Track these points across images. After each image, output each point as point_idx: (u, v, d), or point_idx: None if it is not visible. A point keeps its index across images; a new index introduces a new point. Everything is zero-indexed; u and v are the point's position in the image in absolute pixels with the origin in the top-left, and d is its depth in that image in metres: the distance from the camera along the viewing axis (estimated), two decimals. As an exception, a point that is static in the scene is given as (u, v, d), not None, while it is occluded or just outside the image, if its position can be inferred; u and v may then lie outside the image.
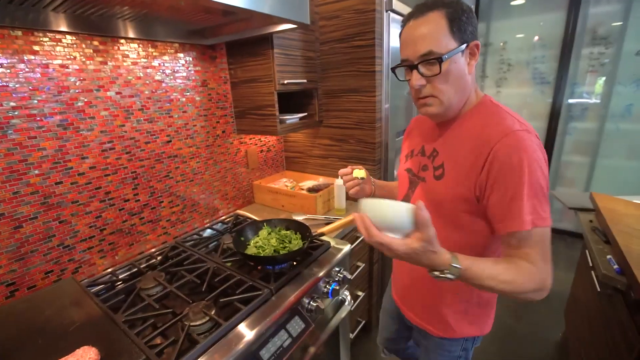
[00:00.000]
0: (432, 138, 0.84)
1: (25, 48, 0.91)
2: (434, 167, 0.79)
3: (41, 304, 0.91)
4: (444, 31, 0.67)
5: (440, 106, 0.73)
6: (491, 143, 0.66)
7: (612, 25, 2.59)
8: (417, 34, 0.69)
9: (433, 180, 0.79)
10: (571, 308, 1.78)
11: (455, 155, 0.75)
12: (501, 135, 0.65)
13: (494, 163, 0.65)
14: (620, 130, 2.73)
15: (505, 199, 0.64)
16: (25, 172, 0.94)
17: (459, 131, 0.76)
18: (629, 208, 1.46)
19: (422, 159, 0.85)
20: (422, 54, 0.68)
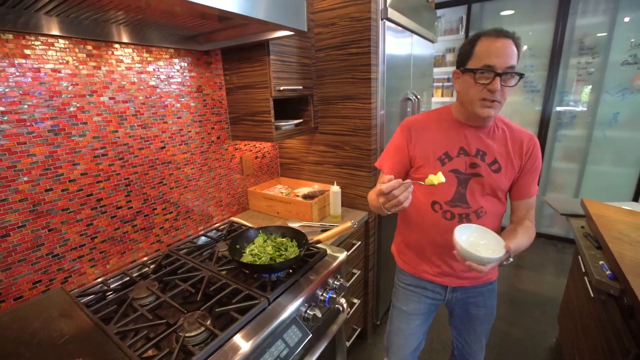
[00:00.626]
0: (467, 140, 1.00)
1: (16, 52, 0.88)
2: (489, 164, 0.99)
3: (28, 316, 0.88)
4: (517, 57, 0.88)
5: (497, 110, 0.92)
6: (529, 143, 1.00)
7: (597, 36, 2.67)
8: (508, 50, 0.86)
9: (492, 173, 0.99)
10: (564, 313, 1.80)
11: (503, 152, 0.99)
12: (530, 138, 1.01)
13: (532, 155, 1.00)
14: (607, 137, 2.79)
15: (532, 177, 1.02)
16: (13, 178, 0.91)
17: (496, 134, 1.00)
18: (619, 214, 1.48)
19: (466, 159, 1.00)
20: (509, 65, 0.86)
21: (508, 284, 2.53)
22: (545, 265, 2.80)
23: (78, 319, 0.86)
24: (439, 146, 1.03)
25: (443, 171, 1.00)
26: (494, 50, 0.87)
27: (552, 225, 3.23)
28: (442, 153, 1.02)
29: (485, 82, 0.88)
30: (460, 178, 1.01)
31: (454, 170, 1.01)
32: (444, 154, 1.02)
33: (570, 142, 2.98)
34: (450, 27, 3.32)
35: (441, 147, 1.02)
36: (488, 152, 1.00)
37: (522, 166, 1.00)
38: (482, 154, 1.00)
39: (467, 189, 1.01)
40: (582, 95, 2.84)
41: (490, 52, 0.87)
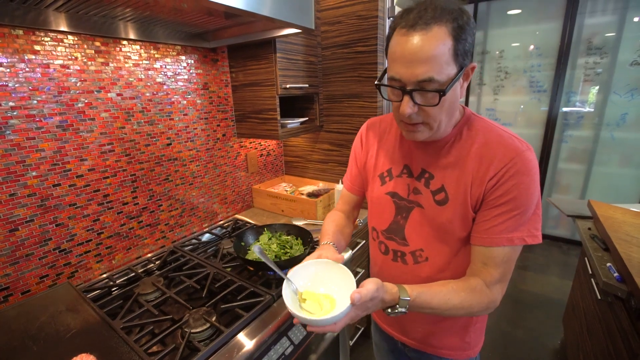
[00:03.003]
0: (416, 157, 0.75)
1: (26, 47, 0.89)
2: (432, 192, 0.71)
3: (35, 310, 0.89)
4: (447, 55, 0.56)
5: (429, 132, 0.66)
6: (499, 163, 0.63)
7: (606, 35, 2.64)
8: (419, 54, 0.56)
9: (434, 205, 0.71)
10: (570, 315, 1.78)
11: (455, 177, 0.68)
12: (509, 156, 0.62)
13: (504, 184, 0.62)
14: (615, 138, 2.76)
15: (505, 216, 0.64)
16: (22, 173, 0.92)
17: (453, 152, 0.69)
18: (627, 216, 1.47)
19: (409, 180, 0.75)
20: (420, 79, 0.57)
21: (512, 285, 2.51)
22: (549, 266, 2.78)
23: (84, 313, 0.87)
24: (386, 160, 0.80)
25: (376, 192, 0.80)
26: (399, 53, 0.59)
27: (557, 226, 3.20)
28: (385, 169, 0.79)
29: (397, 100, 0.63)
30: (400, 205, 0.77)
31: (392, 194, 0.77)
32: (387, 170, 0.79)
33: (576, 143, 2.95)
34: (456, 26, 3.30)
35: (387, 160, 0.79)
36: (436, 176, 0.71)
37: (482, 197, 0.65)
38: (428, 177, 0.72)
39: (407, 221, 0.76)
40: (589, 95, 2.81)
41: (395, 57, 0.60)
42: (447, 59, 0.57)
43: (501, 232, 0.64)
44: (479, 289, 0.66)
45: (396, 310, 0.62)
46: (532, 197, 0.62)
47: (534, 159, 0.63)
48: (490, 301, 0.67)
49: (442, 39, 0.55)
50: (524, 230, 0.64)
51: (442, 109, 0.62)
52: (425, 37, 0.55)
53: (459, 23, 0.56)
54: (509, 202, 0.62)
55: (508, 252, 0.65)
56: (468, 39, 0.58)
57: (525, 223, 0.64)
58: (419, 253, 0.75)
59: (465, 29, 0.57)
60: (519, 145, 0.63)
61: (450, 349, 0.82)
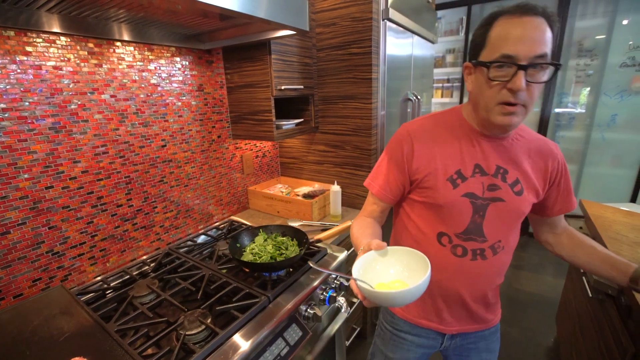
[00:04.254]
0: (486, 155, 0.78)
1: (17, 49, 0.88)
2: (510, 185, 0.79)
3: (28, 313, 0.88)
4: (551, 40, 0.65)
5: (523, 117, 0.70)
6: (553, 153, 0.81)
7: (596, 38, 2.68)
8: (536, 33, 0.63)
9: (515, 197, 0.79)
10: (562, 313, 1.80)
11: (524, 168, 0.80)
12: (555, 146, 0.83)
13: (559, 167, 0.82)
14: (605, 139, 2.81)
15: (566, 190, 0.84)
16: (14, 175, 0.91)
17: (515, 147, 0.80)
18: (617, 215, 1.49)
19: (483, 179, 0.78)
20: (538, 54, 0.63)
21: (506, 284, 2.53)
22: (543, 265, 2.81)
23: (78, 316, 0.86)
24: (450, 162, 0.79)
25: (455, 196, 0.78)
26: (515, 33, 0.64)
27: (550, 226, 3.24)
28: (453, 172, 0.79)
29: (505, 79, 0.66)
30: (477, 204, 0.78)
31: (468, 195, 0.78)
32: (456, 172, 0.79)
33: (568, 144, 2.99)
34: (450, 28, 3.33)
35: (452, 163, 0.79)
36: (510, 170, 0.78)
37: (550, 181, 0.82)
38: (503, 172, 0.78)
39: (484, 218, 0.79)
40: (580, 97, 2.86)
41: (509, 37, 0.64)
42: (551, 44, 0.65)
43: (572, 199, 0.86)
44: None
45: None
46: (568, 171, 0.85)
47: None
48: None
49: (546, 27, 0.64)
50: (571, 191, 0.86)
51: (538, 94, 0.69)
52: (539, 21, 0.64)
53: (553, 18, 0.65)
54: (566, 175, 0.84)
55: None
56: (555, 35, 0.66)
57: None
58: (497, 245, 0.81)
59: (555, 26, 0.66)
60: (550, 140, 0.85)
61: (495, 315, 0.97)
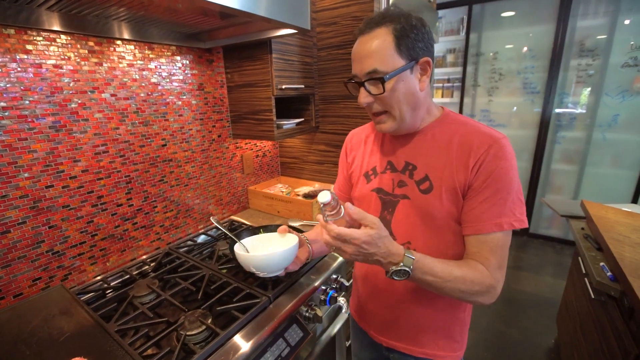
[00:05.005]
0: (397, 152, 0.79)
1: (17, 47, 0.88)
2: (417, 182, 0.75)
3: (28, 313, 0.87)
4: (390, 49, 0.65)
5: (393, 122, 0.72)
6: (480, 149, 0.67)
7: (598, 38, 2.68)
8: (364, 51, 0.68)
9: (420, 195, 0.74)
10: (563, 314, 1.80)
11: (437, 164, 0.72)
12: (489, 142, 0.67)
13: (484, 168, 0.67)
14: (607, 139, 2.81)
15: (490, 201, 0.67)
16: (14, 174, 0.91)
17: (432, 141, 0.74)
18: (619, 216, 1.49)
19: (393, 175, 0.79)
20: (367, 72, 0.68)
21: (506, 285, 2.52)
22: (543, 266, 2.81)
23: (78, 316, 0.86)
24: (370, 160, 0.85)
25: (360, 190, 0.85)
26: (353, 53, 0.71)
27: (550, 226, 3.24)
28: (370, 168, 0.84)
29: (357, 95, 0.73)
30: (385, 200, 0.80)
31: (377, 190, 0.81)
32: (372, 169, 0.84)
33: (569, 144, 2.99)
34: (451, 28, 3.33)
35: (371, 160, 0.84)
36: (419, 166, 0.75)
37: (469, 183, 0.68)
38: (412, 168, 0.76)
39: (393, 215, 0.78)
40: (581, 97, 2.85)
41: (352, 58, 0.72)
42: (390, 52, 0.66)
43: (489, 218, 0.67)
44: (480, 269, 0.67)
45: (400, 267, 0.63)
46: (512, 181, 0.66)
47: (510, 146, 0.68)
48: (491, 285, 0.67)
49: (383, 36, 0.66)
50: (510, 215, 0.66)
51: (397, 97, 0.68)
52: (369, 36, 0.67)
53: (400, 23, 0.66)
54: (490, 186, 0.66)
55: (499, 237, 0.67)
56: (411, 35, 0.66)
57: (510, 208, 0.66)
58: (407, 246, 0.76)
59: (405, 28, 0.65)
60: (495, 134, 0.69)
61: (438, 349, 0.82)
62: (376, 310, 0.87)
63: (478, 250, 0.68)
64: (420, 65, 0.69)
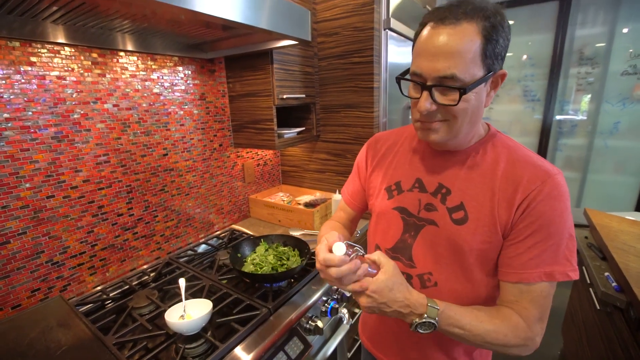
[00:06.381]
0: (432, 171, 0.69)
1: (22, 59, 0.89)
2: (449, 209, 0.64)
3: (25, 325, 0.86)
4: (475, 54, 0.53)
5: (447, 134, 0.61)
6: (530, 185, 0.57)
7: (597, 46, 2.69)
8: (443, 49, 0.54)
9: (452, 224, 0.64)
10: (569, 324, 1.77)
11: (476, 193, 0.62)
12: (541, 178, 0.57)
13: (535, 209, 0.57)
14: (608, 146, 2.80)
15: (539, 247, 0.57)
16: (15, 185, 0.91)
17: (472, 164, 0.64)
18: (623, 224, 1.47)
19: (421, 195, 0.69)
20: (442, 75, 0.54)
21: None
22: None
23: (76, 328, 0.85)
24: (395, 173, 0.75)
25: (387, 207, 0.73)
26: (424, 43, 0.57)
27: (554, 234, 3.21)
28: (393, 182, 0.74)
29: (416, 97, 0.60)
30: (409, 222, 0.70)
31: (400, 209, 0.71)
32: (396, 184, 0.73)
33: (571, 151, 2.98)
34: (450, 37, 3.36)
35: (396, 174, 0.74)
36: (454, 192, 0.65)
37: (513, 223, 0.59)
38: (445, 192, 0.66)
39: (415, 240, 0.69)
40: (582, 104, 2.86)
41: (420, 48, 0.58)
42: (474, 57, 0.53)
43: (538, 265, 0.57)
44: (516, 320, 0.58)
45: (424, 319, 0.56)
46: (565, 224, 0.57)
47: (565, 185, 0.58)
48: (529, 338, 0.58)
49: (471, 35, 0.53)
50: (565, 264, 0.57)
51: (465, 112, 0.57)
52: (453, 31, 0.53)
53: (492, 22, 0.53)
54: (541, 229, 0.56)
55: (546, 288, 0.58)
56: (500, 40, 0.55)
57: (565, 255, 0.57)
58: (427, 277, 0.68)
59: (498, 30, 0.54)
60: (549, 169, 0.59)
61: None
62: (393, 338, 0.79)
63: (517, 299, 0.59)
64: (494, 79, 0.59)
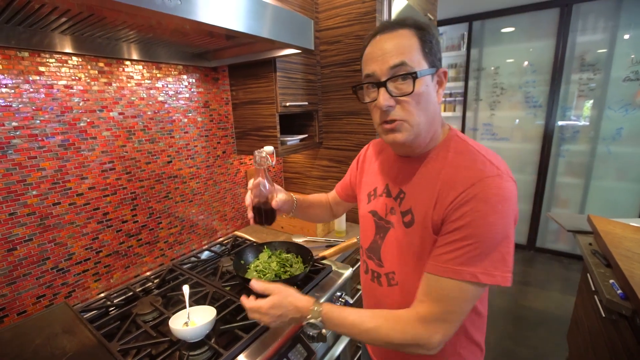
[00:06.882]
0: (396, 176, 0.73)
1: (31, 69, 0.91)
2: (402, 212, 0.68)
3: (31, 332, 0.87)
4: (416, 48, 0.60)
5: (410, 133, 0.63)
6: (460, 187, 0.58)
7: (598, 52, 2.70)
8: (388, 46, 0.61)
9: (403, 227, 0.68)
10: (574, 333, 1.75)
11: (422, 197, 0.65)
12: (472, 181, 0.57)
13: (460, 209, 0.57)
14: (611, 152, 2.79)
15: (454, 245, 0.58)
16: (23, 192, 0.92)
17: (425, 171, 0.66)
18: (627, 231, 1.46)
19: (387, 200, 0.73)
20: (393, 64, 0.60)
21: (513, 301, 2.48)
22: (550, 281, 2.75)
23: (81, 335, 0.85)
24: (374, 179, 0.81)
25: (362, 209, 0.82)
26: (370, 52, 0.64)
27: (557, 240, 3.19)
28: (372, 188, 0.80)
29: (373, 100, 0.64)
30: (379, 225, 0.76)
31: (373, 212, 0.78)
32: (374, 189, 0.80)
33: (573, 157, 2.97)
34: (452, 44, 3.38)
35: (375, 180, 0.80)
36: (407, 196, 0.68)
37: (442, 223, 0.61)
38: (403, 197, 0.70)
39: (384, 241, 0.74)
40: (584, 110, 2.86)
41: (368, 57, 0.65)
42: (417, 50, 0.61)
43: (448, 260, 0.58)
44: (405, 319, 0.61)
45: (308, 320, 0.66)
46: (490, 228, 0.55)
47: (503, 187, 0.56)
48: (420, 337, 0.59)
49: (408, 36, 0.61)
50: (479, 267, 0.56)
51: (420, 104, 0.62)
52: (391, 35, 0.62)
53: (422, 27, 0.62)
54: (461, 229, 0.57)
55: (453, 286, 0.57)
56: (433, 42, 0.62)
57: (483, 259, 0.56)
58: (392, 276, 0.72)
59: (427, 31, 0.62)
60: (485, 170, 0.58)
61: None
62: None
63: (425, 294, 0.61)
64: (438, 76, 0.65)
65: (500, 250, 0.56)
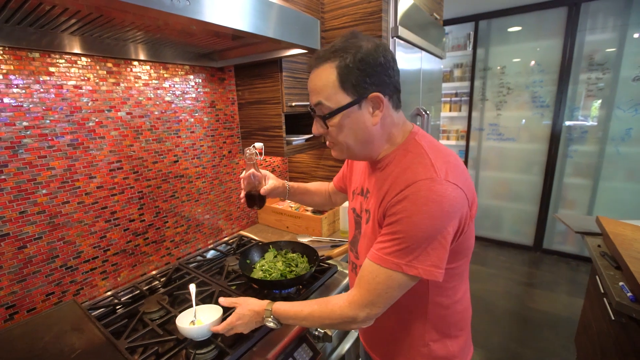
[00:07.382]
0: (367, 178, 0.80)
1: (41, 69, 0.92)
2: (365, 210, 0.77)
3: (40, 329, 0.88)
4: (333, 87, 0.65)
5: (342, 152, 0.73)
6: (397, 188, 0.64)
7: (607, 51, 2.67)
8: (311, 86, 0.69)
9: (367, 223, 0.76)
10: (582, 335, 1.73)
11: (377, 197, 0.71)
12: (406, 182, 0.63)
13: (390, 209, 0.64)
14: (620, 153, 2.76)
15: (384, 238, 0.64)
16: (33, 191, 0.93)
17: (382, 173, 0.72)
18: (637, 233, 1.44)
19: (361, 198, 0.81)
20: (314, 103, 0.69)
21: (519, 303, 2.46)
22: (558, 283, 2.72)
23: (89, 332, 0.86)
24: (357, 179, 0.88)
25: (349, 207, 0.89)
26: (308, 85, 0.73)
27: (565, 242, 3.16)
28: (355, 187, 0.88)
29: None
30: (357, 220, 0.84)
31: (353, 209, 0.87)
32: (355, 188, 0.87)
33: (581, 158, 2.94)
34: (457, 43, 3.36)
35: (357, 180, 0.87)
36: (369, 195, 0.77)
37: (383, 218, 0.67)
38: (368, 196, 0.78)
39: (360, 236, 0.81)
40: (592, 110, 2.83)
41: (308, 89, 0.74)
42: (334, 89, 0.65)
43: (379, 249, 0.64)
44: (333, 303, 0.70)
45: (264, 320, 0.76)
46: (414, 227, 0.60)
47: (433, 190, 0.60)
48: (344, 317, 0.67)
49: (327, 73, 0.66)
50: (404, 259, 0.61)
51: (343, 133, 0.69)
52: (316, 72, 0.68)
53: (346, 60, 0.64)
54: (393, 225, 0.63)
55: (381, 272, 0.63)
56: (356, 70, 0.64)
57: (408, 254, 0.61)
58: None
59: (350, 65, 0.63)
60: (420, 173, 0.62)
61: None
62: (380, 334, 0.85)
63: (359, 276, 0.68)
64: (371, 100, 0.66)
65: (425, 247, 0.61)
